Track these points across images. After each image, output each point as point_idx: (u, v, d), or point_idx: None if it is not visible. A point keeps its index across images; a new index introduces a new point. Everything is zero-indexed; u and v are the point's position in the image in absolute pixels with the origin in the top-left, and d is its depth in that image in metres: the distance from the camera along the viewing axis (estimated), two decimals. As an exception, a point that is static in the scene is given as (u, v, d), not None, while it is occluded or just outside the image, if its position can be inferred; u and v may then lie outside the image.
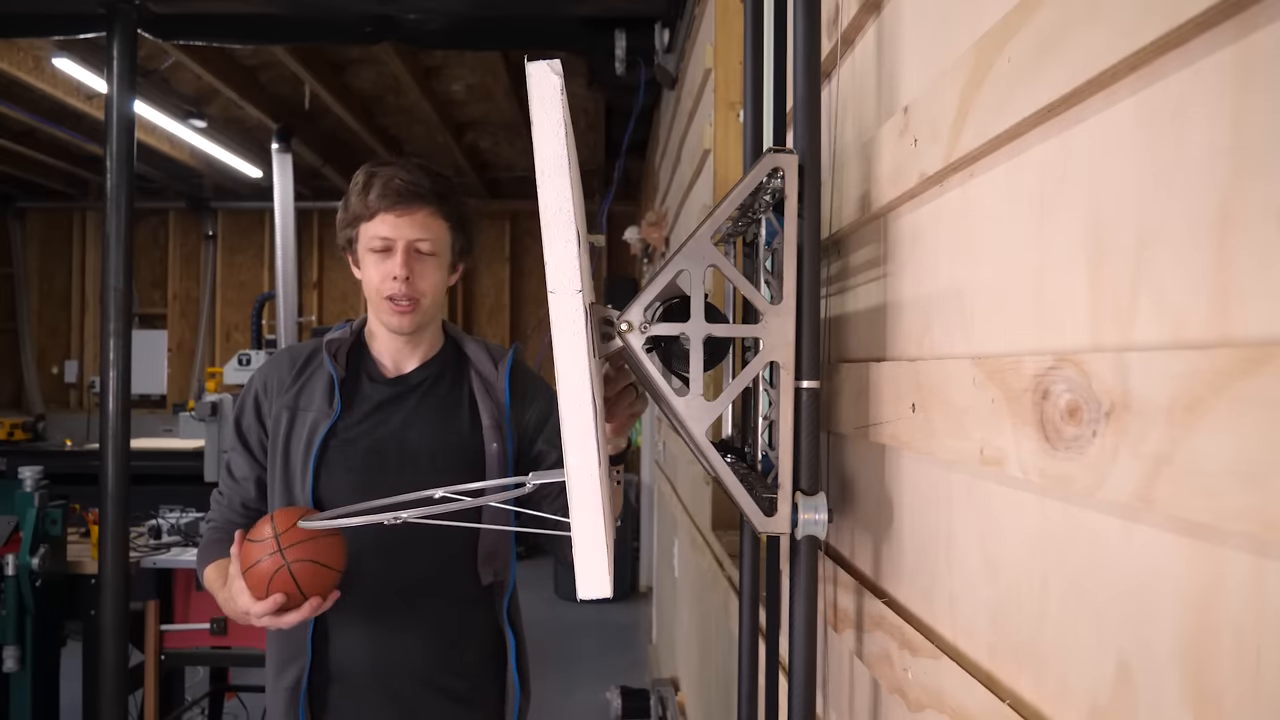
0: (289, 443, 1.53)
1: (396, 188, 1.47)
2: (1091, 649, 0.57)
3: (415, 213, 1.48)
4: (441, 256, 1.53)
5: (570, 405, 0.74)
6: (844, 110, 1.13)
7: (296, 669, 1.52)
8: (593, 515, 0.74)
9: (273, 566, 1.31)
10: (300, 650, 1.52)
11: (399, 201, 1.47)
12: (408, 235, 1.48)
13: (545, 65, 0.75)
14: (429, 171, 1.52)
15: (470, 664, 1.59)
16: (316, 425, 1.52)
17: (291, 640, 1.53)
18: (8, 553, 2.91)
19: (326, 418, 1.53)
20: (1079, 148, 0.59)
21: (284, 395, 1.56)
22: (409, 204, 1.47)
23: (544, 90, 0.74)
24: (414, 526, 1.47)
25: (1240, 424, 0.42)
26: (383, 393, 1.57)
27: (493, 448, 1.56)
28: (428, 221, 1.49)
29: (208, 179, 7.31)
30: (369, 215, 1.48)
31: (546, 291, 0.75)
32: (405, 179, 1.47)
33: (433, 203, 1.49)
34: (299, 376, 1.58)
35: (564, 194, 0.74)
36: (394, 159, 1.55)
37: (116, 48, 3.09)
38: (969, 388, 0.70)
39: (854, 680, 1.04)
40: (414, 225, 1.48)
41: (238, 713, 3.61)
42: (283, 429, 1.54)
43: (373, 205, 1.48)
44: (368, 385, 1.57)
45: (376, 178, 1.48)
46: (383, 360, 1.60)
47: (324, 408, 1.54)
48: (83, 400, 8.16)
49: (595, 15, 3.35)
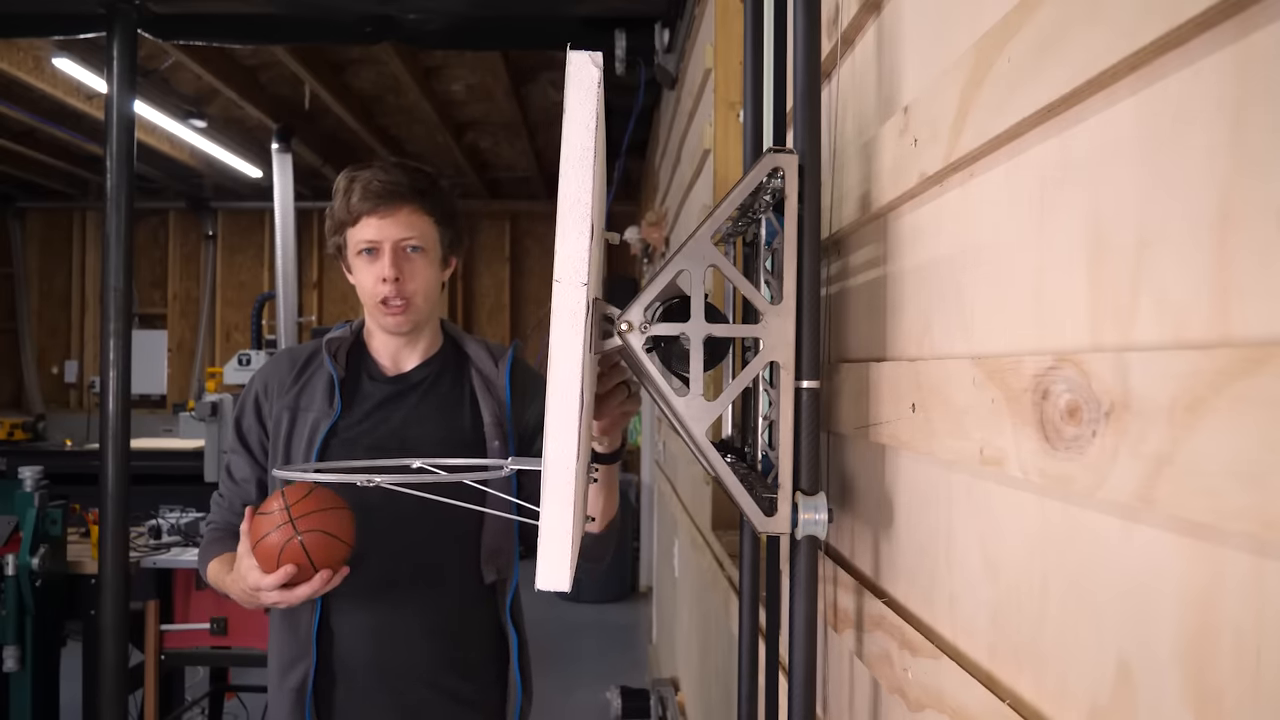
0: (290, 443, 1.53)
1: (376, 189, 1.47)
2: (1091, 649, 0.57)
3: (397, 212, 1.48)
4: (430, 253, 1.52)
5: (557, 396, 0.74)
6: (844, 110, 1.13)
7: (302, 670, 1.51)
8: (562, 507, 0.74)
9: (283, 538, 1.30)
10: (305, 651, 1.51)
11: (380, 203, 1.47)
12: (393, 235, 1.48)
13: (586, 56, 0.75)
14: (408, 169, 1.51)
15: (473, 664, 1.59)
16: (317, 425, 1.52)
17: (296, 640, 1.52)
18: (8, 553, 2.91)
19: (327, 417, 1.52)
20: (1079, 148, 0.59)
21: (284, 396, 1.56)
22: (390, 204, 1.47)
23: (582, 79, 0.74)
24: (417, 524, 1.49)
25: (1240, 424, 0.42)
26: (383, 391, 1.57)
27: (494, 445, 1.56)
28: (411, 219, 1.49)
29: (208, 179, 7.31)
30: (353, 220, 1.49)
31: (547, 291, 0.75)
32: (384, 179, 1.47)
33: (414, 200, 1.49)
34: (299, 377, 1.58)
35: (585, 186, 0.74)
36: (372, 161, 1.54)
37: (116, 48, 3.09)
38: (969, 388, 0.70)
39: (854, 680, 1.04)
40: (398, 225, 1.48)
41: (238, 713, 3.61)
42: (283, 429, 1.54)
43: (355, 209, 1.48)
44: (368, 384, 1.57)
45: (356, 182, 1.48)
46: (382, 359, 1.60)
47: (324, 407, 1.53)
48: (83, 400, 8.16)
49: (595, 15, 3.35)
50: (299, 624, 1.52)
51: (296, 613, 1.52)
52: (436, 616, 1.55)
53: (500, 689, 1.62)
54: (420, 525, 1.50)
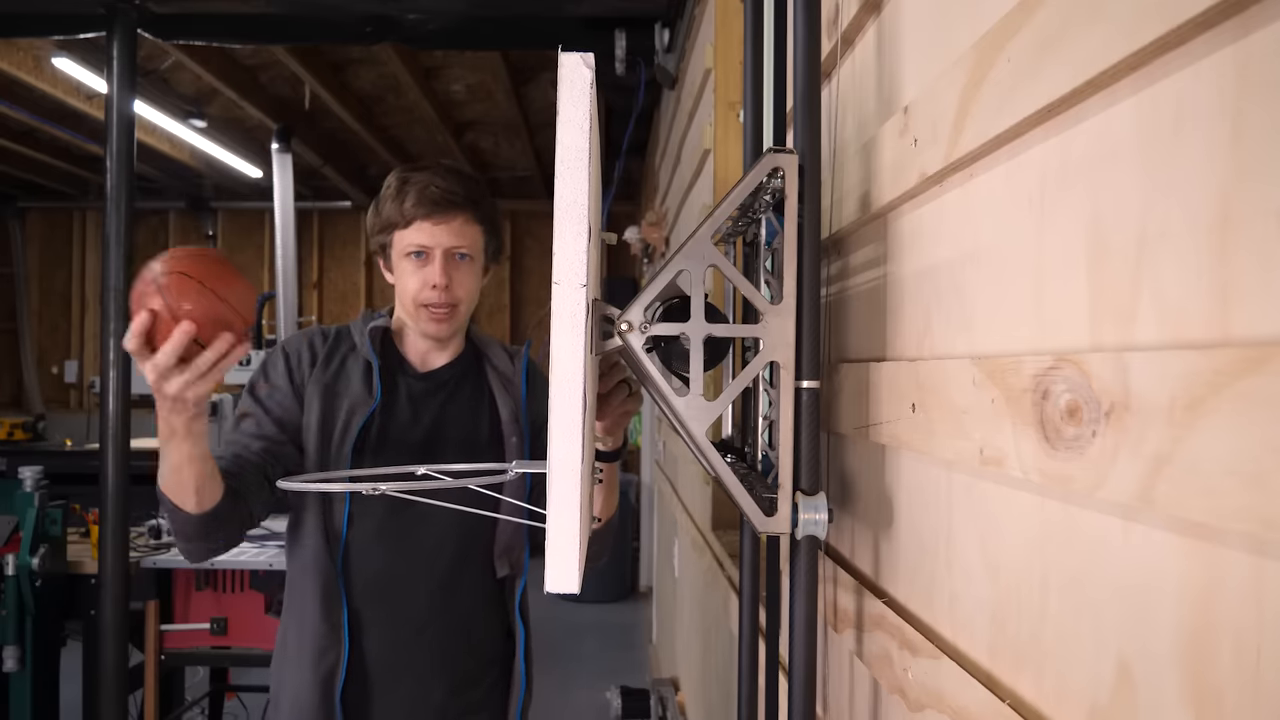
0: (324, 425, 1.51)
1: (433, 196, 1.46)
2: (1091, 649, 0.57)
3: (452, 220, 1.48)
4: (477, 261, 1.53)
5: (561, 398, 0.74)
6: (844, 110, 1.13)
7: (332, 657, 1.50)
8: (569, 509, 0.74)
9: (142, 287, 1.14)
10: (337, 639, 1.50)
11: (435, 210, 1.46)
12: (445, 243, 1.48)
13: (578, 57, 0.74)
14: (463, 177, 1.51)
15: (481, 659, 1.61)
16: (354, 411, 1.51)
17: (329, 627, 1.50)
18: (8, 553, 2.91)
19: (365, 404, 1.52)
20: (1079, 148, 0.59)
21: (318, 373, 1.54)
22: (445, 211, 1.47)
23: (574, 81, 0.74)
24: (433, 520, 1.50)
25: (1240, 424, 0.42)
26: (415, 387, 1.58)
27: (512, 441, 1.58)
28: (464, 228, 1.49)
29: (208, 179, 7.31)
30: (405, 223, 1.48)
31: (547, 291, 0.75)
32: (441, 186, 1.47)
33: (468, 209, 1.49)
34: (330, 357, 1.56)
35: (581, 188, 0.74)
36: (427, 163, 1.53)
37: (116, 48, 3.09)
38: (969, 388, 0.70)
39: (854, 680, 1.04)
40: (451, 233, 1.48)
41: (238, 713, 3.61)
42: (317, 410, 1.51)
43: (409, 213, 1.47)
44: (400, 378, 1.58)
45: (411, 184, 1.47)
46: (410, 356, 1.60)
47: (363, 394, 1.53)
48: (83, 400, 8.16)
49: (595, 15, 3.35)
50: (330, 612, 1.50)
51: (328, 603, 1.50)
52: (449, 611, 1.56)
53: (505, 684, 1.63)
54: (437, 521, 1.53)
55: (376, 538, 1.53)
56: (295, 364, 1.55)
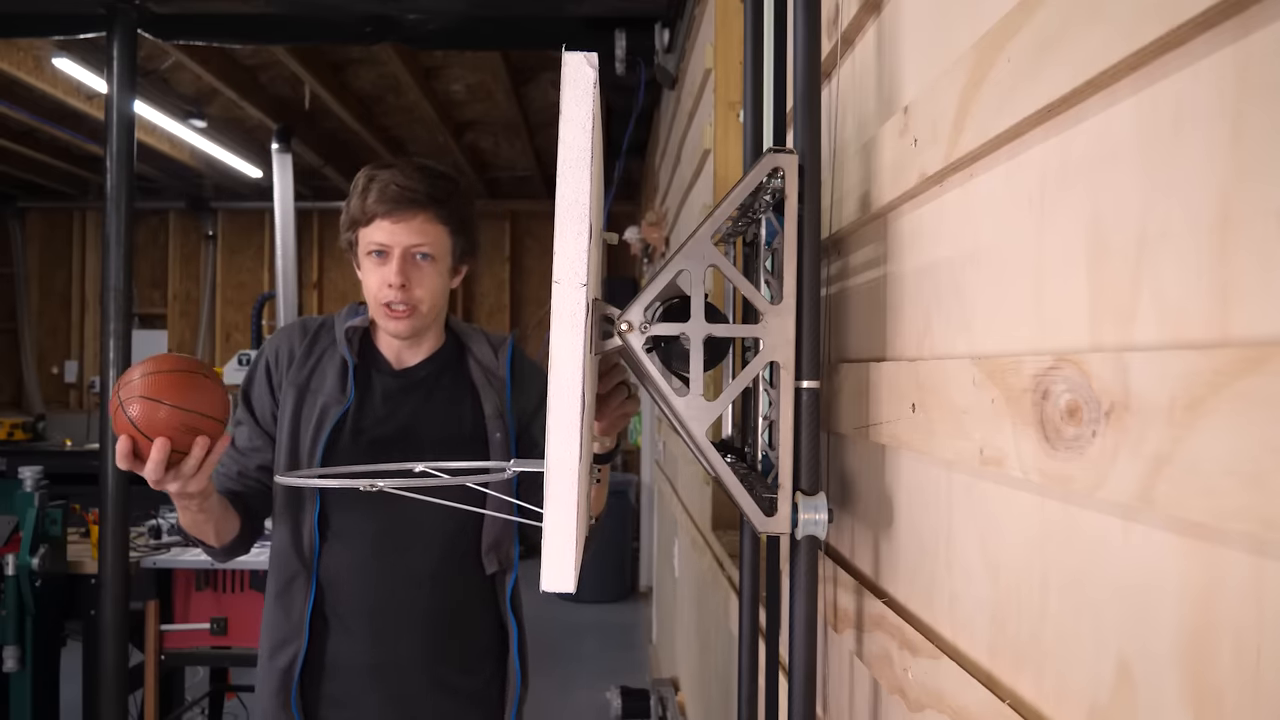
0: (297, 423, 1.53)
1: (393, 193, 1.45)
2: (1091, 649, 0.57)
3: (412, 218, 1.46)
4: (440, 261, 1.51)
5: (559, 398, 0.74)
6: (844, 110, 1.13)
7: (291, 651, 1.52)
8: (567, 510, 0.74)
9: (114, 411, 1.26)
10: (297, 632, 1.51)
11: (395, 207, 1.45)
12: (404, 241, 1.46)
13: (582, 56, 0.74)
14: (429, 174, 1.49)
15: (473, 655, 1.60)
16: (327, 410, 1.52)
17: (289, 622, 1.52)
18: (8, 553, 2.91)
19: (338, 404, 1.52)
20: (1079, 148, 0.59)
21: (294, 372, 1.56)
22: (405, 209, 1.45)
23: (578, 81, 0.74)
24: (420, 518, 1.50)
25: (1240, 424, 0.42)
26: (390, 384, 1.58)
27: (496, 437, 1.56)
28: (424, 227, 1.47)
29: (208, 179, 7.31)
30: (366, 220, 1.47)
31: (547, 291, 0.75)
32: (402, 183, 1.45)
33: (430, 207, 1.47)
34: (309, 353, 1.57)
35: (582, 187, 0.74)
36: (396, 160, 1.52)
37: (116, 48, 3.10)
38: (969, 388, 0.70)
39: (854, 680, 1.04)
40: (410, 231, 1.46)
41: (238, 713, 3.62)
42: (290, 407, 1.53)
43: (369, 210, 1.46)
44: (376, 376, 1.58)
45: (375, 181, 1.47)
46: (386, 354, 1.60)
47: (336, 393, 1.53)
48: (83, 400, 8.16)
49: (595, 15, 3.35)
50: (293, 606, 1.52)
51: (291, 595, 1.52)
52: (437, 608, 1.56)
53: (500, 680, 1.63)
54: (422, 518, 1.51)
55: (350, 535, 1.53)
56: (274, 365, 1.58)
